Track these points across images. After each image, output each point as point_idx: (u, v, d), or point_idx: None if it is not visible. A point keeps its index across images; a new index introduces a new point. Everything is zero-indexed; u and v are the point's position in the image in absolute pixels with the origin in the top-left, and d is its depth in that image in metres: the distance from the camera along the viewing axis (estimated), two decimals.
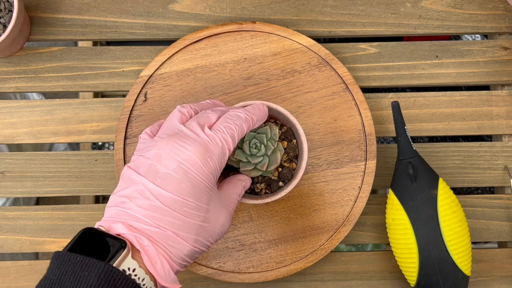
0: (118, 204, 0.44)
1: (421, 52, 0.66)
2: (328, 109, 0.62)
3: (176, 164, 0.44)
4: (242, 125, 0.48)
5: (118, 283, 0.39)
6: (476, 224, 0.65)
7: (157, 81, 0.62)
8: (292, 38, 0.63)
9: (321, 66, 0.62)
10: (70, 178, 0.65)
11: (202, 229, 0.45)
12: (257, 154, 0.52)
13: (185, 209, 0.43)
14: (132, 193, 0.43)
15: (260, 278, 0.60)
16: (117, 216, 0.43)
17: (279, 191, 0.54)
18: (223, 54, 0.63)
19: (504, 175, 0.65)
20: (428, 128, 0.65)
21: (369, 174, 0.61)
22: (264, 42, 0.63)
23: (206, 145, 0.45)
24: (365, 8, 0.66)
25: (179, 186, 0.43)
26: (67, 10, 0.66)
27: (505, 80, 0.66)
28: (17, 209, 0.65)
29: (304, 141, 0.54)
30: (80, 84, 0.65)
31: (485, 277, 0.64)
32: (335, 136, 0.62)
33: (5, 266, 0.65)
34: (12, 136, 0.65)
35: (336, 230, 0.61)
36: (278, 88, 0.62)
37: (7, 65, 0.65)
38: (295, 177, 0.54)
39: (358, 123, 0.62)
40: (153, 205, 0.43)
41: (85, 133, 0.65)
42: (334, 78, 0.62)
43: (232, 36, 0.63)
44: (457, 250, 0.56)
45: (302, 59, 0.63)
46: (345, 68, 0.62)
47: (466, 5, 0.67)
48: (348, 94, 0.62)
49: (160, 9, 0.66)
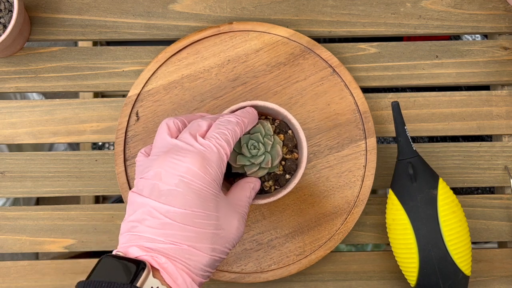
0: (130, 229, 0.44)
1: (421, 52, 0.66)
2: (320, 95, 0.62)
3: (178, 178, 0.44)
4: (234, 129, 0.48)
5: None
6: (476, 224, 0.65)
7: (146, 98, 0.62)
8: (271, 31, 0.63)
9: (304, 54, 0.63)
10: (70, 178, 0.65)
11: (217, 237, 0.44)
12: (258, 154, 0.52)
13: (195, 220, 0.43)
14: (140, 216, 0.43)
15: (284, 273, 0.61)
16: (130, 241, 0.43)
17: (288, 184, 0.54)
18: (206, 59, 0.63)
19: (504, 175, 0.65)
20: (428, 128, 0.65)
21: (371, 151, 0.61)
22: (244, 40, 0.63)
23: (202, 154, 0.45)
24: (365, 8, 0.66)
25: (184, 199, 0.43)
26: (67, 10, 0.66)
27: (505, 80, 0.66)
28: (17, 209, 0.65)
29: (300, 129, 0.54)
30: (80, 84, 0.65)
31: (485, 277, 0.64)
32: (331, 120, 0.62)
33: (5, 266, 0.65)
34: (12, 136, 0.65)
35: (349, 212, 0.61)
36: (266, 84, 0.62)
37: (7, 65, 0.65)
38: (300, 167, 0.54)
39: (351, 103, 0.62)
40: (163, 222, 0.43)
41: (85, 133, 0.65)
42: (319, 63, 0.62)
43: (211, 40, 0.63)
44: (457, 250, 0.56)
45: (284, 50, 0.63)
46: (328, 52, 0.62)
47: (466, 5, 0.67)
48: (336, 77, 0.62)
49: (160, 9, 0.66)
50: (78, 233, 0.64)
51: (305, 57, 0.63)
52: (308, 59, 0.63)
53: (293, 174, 0.55)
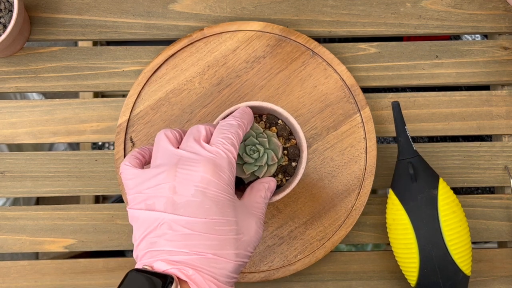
0: (149, 246, 0.43)
1: (421, 52, 0.66)
2: (305, 79, 0.63)
3: (193, 189, 0.43)
4: (237, 132, 0.48)
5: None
6: (476, 224, 0.65)
7: (136, 122, 0.63)
8: (243, 28, 0.63)
9: (281, 43, 0.63)
10: (70, 178, 0.65)
11: (239, 242, 0.44)
12: (260, 155, 0.52)
13: (216, 228, 0.43)
14: (159, 232, 0.43)
15: (312, 260, 0.61)
16: (154, 257, 0.43)
17: (296, 171, 0.54)
18: (186, 71, 0.63)
19: (504, 175, 0.65)
20: (428, 128, 0.65)
21: (368, 122, 0.62)
22: (218, 43, 0.63)
23: (213, 161, 0.45)
24: (365, 8, 0.66)
25: (203, 208, 0.43)
26: (67, 10, 0.66)
27: (505, 80, 0.66)
28: (17, 209, 0.65)
29: (288, 115, 0.54)
30: (80, 84, 0.65)
31: (485, 277, 0.64)
32: (321, 101, 0.62)
33: (5, 266, 0.64)
34: (12, 136, 0.65)
35: (360, 186, 0.61)
36: (250, 80, 0.63)
37: (7, 65, 0.65)
38: (302, 150, 0.54)
39: (337, 80, 0.62)
40: (185, 234, 0.42)
41: (85, 133, 0.65)
42: (298, 48, 0.63)
43: (187, 51, 0.63)
44: (457, 250, 0.56)
45: (260, 44, 0.63)
46: (304, 36, 0.63)
47: (466, 5, 0.67)
48: (317, 58, 0.63)
49: (160, 9, 0.66)
50: (78, 233, 0.64)
51: (282, 46, 0.63)
52: (285, 47, 0.63)
53: (297, 160, 0.55)
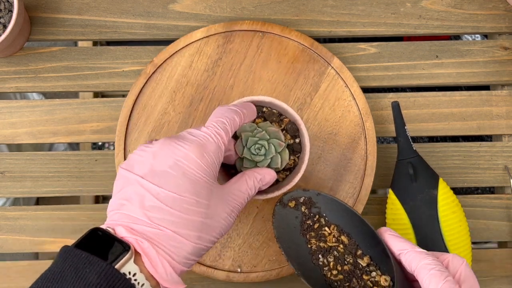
0: (119, 207, 0.43)
1: (421, 52, 0.66)
2: (267, 60, 0.63)
3: (173, 161, 0.44)
4: (233, 117, 0.48)
5: (117, 285, 0.39)
6: (476, 224, 0.65)
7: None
8: (188, 41, 0.63)
9: (228, 38, 0.63)
10: (70, 178, 0.65)
11: (205, 226, 0.44)
12: (267, 148, 0.52)
13: (184, 205, 0.43)
14: (130, 195, 0.43)
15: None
16: (118, 220, 0.43)
17: (303, 145, 0.54)
18: (156, 105, 0.63)
19: (504, 175, 0.65)
20: (428, 128, 0.65)
21: (342, 70, 0.62)
22: (173, 67, 0.63)
23: (201, 142, 0.45)
24: (365, 8, 0.66)
25: (176, 182, 0.43)
26: (67, 10, 0.66)
27: (505, 80, 0.66)
28: (17, 209, 0.65)
29: (270, 99, 0.54)
30: (80, 84, 0.65)
31: (485, 277, 0.64)
32: (290, 71, 0.63)
33: (5, 266, 0.64)
34: (12, 136, 0.65)
35: (363, 129, 0.62)
36: (218, 86, 0.63)
37: (7, 65, 0.65)
38: (298, 124, 0.54)
39: (295, 46, 0.63)
40: (152, 205, 0.42)
41: (85, 133, 0.65)
42: (246, 35, 0.63)
43: (148, 87, 0.63)
44: (457, 250, 0.56)
45: (211, 49, 0.63)
46: (247, 22, 0.63)
47: (466, 5, 0.67)
48: (267, 36, 0.63)
49: (160, 9, 0.66)
50: (78, 233, 0.64)
51: (231, 40, 0.63)
52: (234, 41, 0.63)
53: (298, 134, 0.55)
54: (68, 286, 0.38)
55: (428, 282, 0.41)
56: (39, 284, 0.40)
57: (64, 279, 0.39)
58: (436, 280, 0.41)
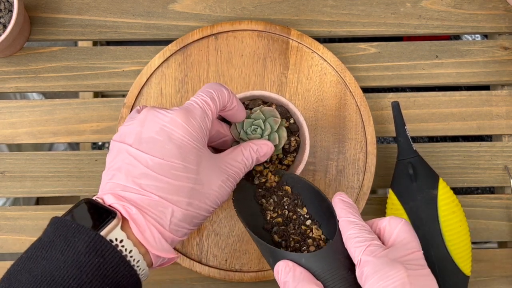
0: (110, 178, 0.44)
1: (421, 52, 0.66)
2: (231, 57, 0.63)
3: (159, 126, 0.43)
4: (221, 89, 0.47)
5: (105, 252, 0.39)
6: (476, 224, 0.65)
7: None
8: (149, 72, 0.62)
9: (186, 52, 0.63)
10: (70, 178, 0.65)
11: (195, 192, 0.43)
12: (263, 127, 0.52)
13: (172, 171, 0.42)
14: (120, 164, 0.43)
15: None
16: (110, 189, 0.43)
17: (300, 127, 0.54)
18: None
19: (504, 175, 0.65)
20: (428, 128, 0.65)
21: (302, 38, 0.62)
22: (145, 101, 0.62)
23: (186, 108, 0.45)
24: (365, 8, 0.66)
25: (162, 148, 0.43)
26: (67, 10, 0.66)
27: (505, 80, 0.66)
28: (17, 209, 0.65)
29: (252, 93, 0.54)
30: (80, 84, 0.65)
31: (485, 277, 0.64)
32: (256, 59, 0.63)
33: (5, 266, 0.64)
34: (12, 136, 0.65)
35: (357, 105, 0.62)
36: None
37: (7, 65, 0.65)
38: (289, 109, 0.54)
39: (251, 34, 0.63)
40: (141, 172, 0.42)
41: (85, 133, 0.65)
42: (202, 44, 0.63)
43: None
44: (457, 250, 0.56)
45: (172, 69, 0.63)
46: (196, 33, 0.63)
47: (466, 5, 0.67)
48: (221, 35, 0.63)
49: (160, 9, 0.66)
50: None
51: (189, 54, 0.63)
52: (192, 53, 0.63)
53: (289, 115, 0.55)
54: (57, 255, 0.39)
55: (353, 252, 0.41)
56: (30, 253, 0.41)
57: (53, 248, 0.39)
58: (359, 250, 0.41)
